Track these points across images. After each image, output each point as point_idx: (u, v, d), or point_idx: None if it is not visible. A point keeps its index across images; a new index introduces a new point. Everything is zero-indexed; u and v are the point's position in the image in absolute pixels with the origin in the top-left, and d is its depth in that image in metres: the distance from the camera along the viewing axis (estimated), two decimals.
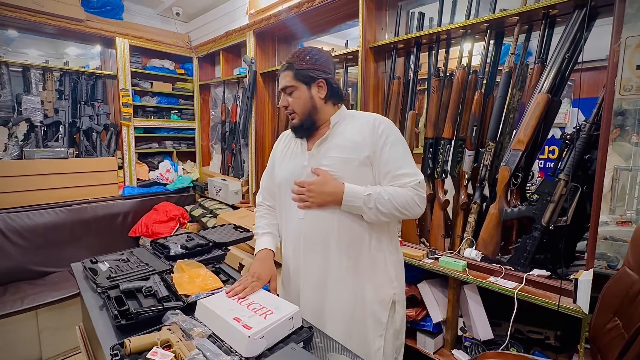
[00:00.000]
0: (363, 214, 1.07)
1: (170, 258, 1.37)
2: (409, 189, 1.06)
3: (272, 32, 2.83)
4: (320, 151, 1.13)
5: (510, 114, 1.58)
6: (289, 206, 1.18)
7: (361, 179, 1.09)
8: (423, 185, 1.10)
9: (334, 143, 1.12)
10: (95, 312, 1.07)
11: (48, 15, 2.72)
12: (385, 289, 1.15)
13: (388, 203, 1.04)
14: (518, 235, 1.54)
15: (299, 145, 1.20)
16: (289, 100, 1.13)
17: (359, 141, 1.10)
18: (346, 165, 1.09)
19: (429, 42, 1.88)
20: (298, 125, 1.14)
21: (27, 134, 2.88)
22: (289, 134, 1.28)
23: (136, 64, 3.40)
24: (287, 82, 1.12)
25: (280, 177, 1.22)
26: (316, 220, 1.12)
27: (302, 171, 1.14)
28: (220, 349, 0.82)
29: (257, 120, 2.92)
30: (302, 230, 1.14)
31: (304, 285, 1.17)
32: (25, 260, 2.58)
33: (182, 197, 3.51)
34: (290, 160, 1.21)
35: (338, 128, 1.14)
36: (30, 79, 2.88)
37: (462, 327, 1.62)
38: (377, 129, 1.10)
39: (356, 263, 1.12)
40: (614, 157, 1.27)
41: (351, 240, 1.11)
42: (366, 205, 1.04)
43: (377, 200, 1.04)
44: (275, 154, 1.30)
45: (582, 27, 1.35)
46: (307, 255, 1.15)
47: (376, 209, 1.04)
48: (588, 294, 1.17)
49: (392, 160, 1.08)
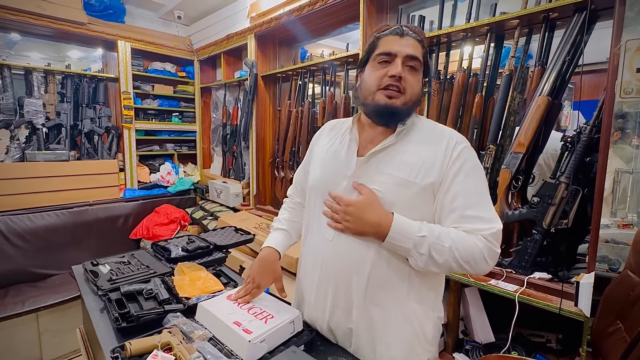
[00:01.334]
0: (409, 257, 0.82)
1: (171, 260, 1.37)
2: (479, 238, 0.80)
3: (273, 35, 2.84)
4: (374, 162, 0.88)
5: (511, 117, 1.59)
6: (317, 219, 0.95)
7: (418, 210, 0.85)
8: (499, 238, 0.82)
9: (395, 156, 0.87)
10: (96, 315, 1.07)
11: (50, 18, 2.74)
12: (419, 352, 0.90)
13: (447, 252, 0.78)
14: (519, 238, 1.54)
15: (346, 145, 0.94)
16: (406, 76, 0.84)
17: (428, 160, 0.85)
18: (403, 188, 0.84)
19: (429, 45, 1.88)
20: (398, 108, 0.85)
21: (29, 136, 2.89)
22: (336, 126, 1.03)
23: (138, 66, 3.41)
24: (417, 53, 0.85)
25: (313, 181, 0.98)
26: (346, 247, 0.88)
27: (342, 181, 0.90)
28: (221, 352, 0.82)
29: (258, 122, 2.93)
30: (324, 255, 0.92)
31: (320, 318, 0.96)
32: (26, 263, 2.59)
33: (183, 199, 3.52)
34: (330, 162, 0.96)
35: (405, 137, 0.89)
36: (33, 81, 2.89)
37: (463, 330, 1.62)
38: (453, 149, 0.85)
39: (384, 315, 0.87)
40: (615, 160, 1.27)
41: (385, 285, 0.86)
42: (417, 250, 0.79)
43: (434, 246, 0.78)
44: (313, 148, 1.06)
45: (582, 30, 1.35)
46: (320, 287, 0.93)
47: (429, 256, 0.79)
48: (590, 297, 1.17)
49: (465, 195, 0.82)
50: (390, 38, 0.86)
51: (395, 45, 0.85)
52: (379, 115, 0.89)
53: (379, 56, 0.86)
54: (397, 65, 0.83)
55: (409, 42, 0.85)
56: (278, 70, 2.79)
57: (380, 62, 0.86)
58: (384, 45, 0.86)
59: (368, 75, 0.88)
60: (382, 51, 0.86)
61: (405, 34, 0.85)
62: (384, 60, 0.86)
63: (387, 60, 0.85)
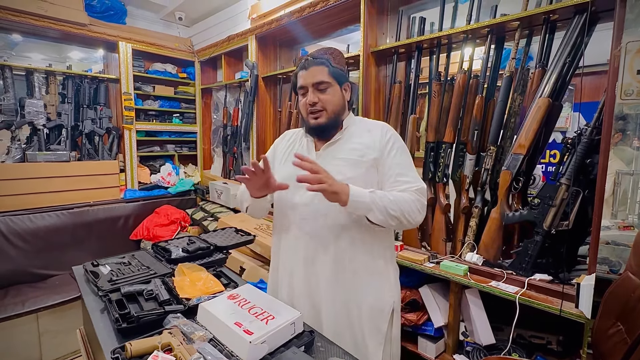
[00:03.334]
0: (370, 212, 1.00)
1: (172, 261, 1.37)
2: (410, 193, 1.05)
3: (273, 36, 2.85)
4: (329, 153, 1.12)
5: (512, 118, 1.59)
6: (290, 206, 1.15)
7: (368, 182, 1.07)
8: (424, 192, 1.08)
9: (344, 145, 1.12)
10: (97, 315, 1.07)
11: (52, 19, 2.74)
12: (386, 297, 1.14)
13: (393, 204, 1.01)
14: (520, 239, 1.54)
15: (304, 146, 1.18)
16: (320, 97, 1.08)
17: (369, 143, 1.10)
18: (356, 167, 1.08)
19: (430, 47, 1.89)
20: (324, 124, 1.10)
21: (29, 137, 2.90)
22: (293, 134, 1.26)
23: (139, 67, 3.42)
24: (323, 77, 1.07)
25: (283, 176, 1.15)
26: (319, 222, 1.09)
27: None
28: (222, 353, 0.82)
29: (259, 123, 2.93)
30: (305, 232, 1.12)
31: (299, 289, 1.15)
32: (26, 263, 2.59)
33: (184, 200, 3.52)
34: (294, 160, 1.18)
35: (348, 131, 1.14)
36: (34, 82, 2.90)
37: (464, 331, 1.61)
38: (385, 134, 1.12)
39: (359, 268, 1.10)
40: (616, 162, 1.27)
41: (356, 245, 1.09)
42: (374, 203, 0.99)
43: (383, 199, 1.00)
44: (276, 152, 1.27)
45: (582, 32, 1.35)
46: (307, 258, 1.12)
47: (384, 208, 0.99)
48: (590, 299, 1.17)
49: (397, 165, 1.08)
50: (300, 74, 1.11)
51: (303, 79, 1.10)
52: (314, 133, 1.15)
53: (299, 90, 1.13)
54: (310, 94, 1.09)
55: (314, 71, 1.08)
56: (279, 71, 2.79)
57: (301, 94, 1.13)
58: (299, 80, 1.12)
59: (299, 104, 1.15)
60: (299, 85, 1.12)
61: (310, 66, 1.09)
62: (302, 93, 1.12)
63: (304, 92, 1.11)
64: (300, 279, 1.14)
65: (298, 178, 0.95)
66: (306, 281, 1.13)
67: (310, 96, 1.08)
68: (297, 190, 1.12)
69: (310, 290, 1.13)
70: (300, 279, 1.14)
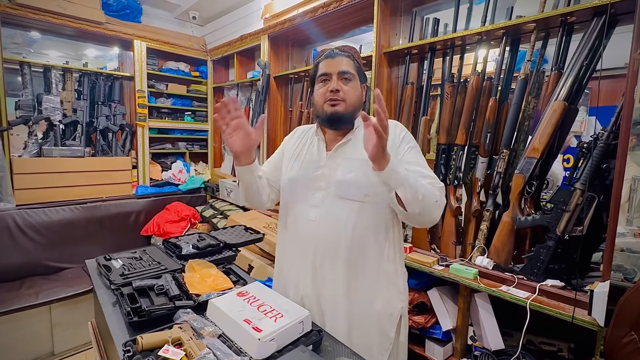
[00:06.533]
0: (400, 187, 0.91)
1: (182, 257, 1.39)
2: (435, 187, 1.00)
3: (286, 36, 2.86)
4: (340, 154, 1.10)
5: (525, 121, 1.57)
6: (299, 206, 1.13)
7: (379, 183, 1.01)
8: (444, 192, 1.05)
9: (356, 146, 1.09)
10: (108, 309, 1.08)
11: (70, 17, 2.80)
12: (395, 302, 1.12)
13: (423, 189, 0.94)
14: (532, 244, 1.52)
15: (315, 145, 1.16)
16: (343, 86, 1.06)
17: None
18: (368, 167, 0.99)
19: (443, 48, 1.87)
20: (341, 113, 1.06)
21: (46, 132, 2.96)
22: (303, 132, 1.24)
23: (152, 66, 3.47)
24: (349, 68, 1.07)
25: (293, 175, 1.16)
26: (330, 224, 1.07)
27: (317, 170, 1.11)
28: (231, 349, 0.83)
29: (270, 123, 2.95)
30: (314, 234, 1.10)
31: (305, 290, 1.13)
32: (40, 256, 2.65)
33: (194, 197, 3.55)
34: (305, 158, 1.16)
35: (360, 131, 1.10)
36: (51, 79, 2.97)
37: (472, 336, 1.60)
38: (399, 133, 1.10)
39: (369, 273, 1.09)
40: (632, 167, 1.24)
41: (366, 249, 1.08)
42: (407, 180, 0.91)
43: (416, 180, 0.94)
44: (285, 148, 1.26)
45: (601, 35, 1.32)
46: (315, 261, 1.10)
47: (415, 187, 0.92)
48: (604, 307, 1.14)
49: (416, 163, 1.05)
50: (324, 62, 1.10)
51: (327, 66, 1.08)
52: (329, 122, 1.10)
53: (320, 77, 1.10)
54: (333, 82, 1.07)
55: (340, 61, 1.08)
56: (290, 71, 2.80)
57: (322, 81, 1.10)
58: (321, 68, 1.10)
59: (316, 93, 1.12)
60: (321, 73, 1.10)
61: (336, 55, 1.09)
62: (324, 80, 1.09)
63: (327, 79, 1.09)
64: (307, 281, 1.12)
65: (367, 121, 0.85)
66: (313, 283, 1.12)
67: (333, 83, 1.06)
68: (307, 191, 1.11)
69: (317, 292, 1.11)
70: (308, 281, 1.12)
